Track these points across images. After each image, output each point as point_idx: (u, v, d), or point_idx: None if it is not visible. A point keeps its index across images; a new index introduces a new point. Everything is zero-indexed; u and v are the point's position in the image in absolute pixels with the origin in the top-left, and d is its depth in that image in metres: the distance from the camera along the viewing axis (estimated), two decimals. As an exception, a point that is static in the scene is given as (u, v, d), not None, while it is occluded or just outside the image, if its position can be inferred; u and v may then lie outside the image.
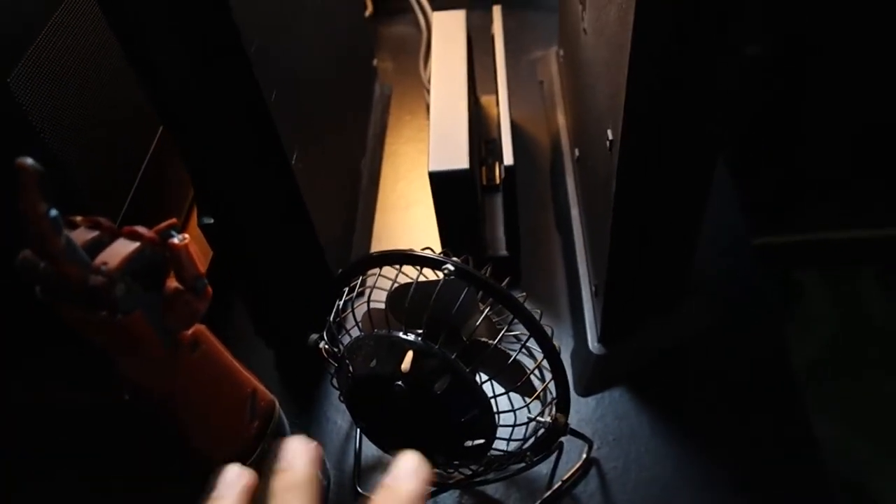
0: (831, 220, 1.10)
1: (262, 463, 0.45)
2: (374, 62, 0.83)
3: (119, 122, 0.54)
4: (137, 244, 0.31)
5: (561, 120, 0.73)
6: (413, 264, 0.40)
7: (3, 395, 0.56)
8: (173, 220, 0.33)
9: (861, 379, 0.97)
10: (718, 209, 0.65)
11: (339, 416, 0.57)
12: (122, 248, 0.30)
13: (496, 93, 0.63)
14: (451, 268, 0.38)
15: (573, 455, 0.52)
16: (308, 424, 0.57)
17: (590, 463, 0.52)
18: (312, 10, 0.57)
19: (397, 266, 0.41)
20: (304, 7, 0.55)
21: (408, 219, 0.72)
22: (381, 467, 0.54)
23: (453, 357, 0.39)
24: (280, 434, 0.47)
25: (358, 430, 0.55)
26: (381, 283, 0.43)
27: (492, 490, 0.51)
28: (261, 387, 0.45)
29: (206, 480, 0.33)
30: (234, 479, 0.33)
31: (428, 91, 0.83)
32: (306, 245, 0.55)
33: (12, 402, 0.56)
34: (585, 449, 0.51)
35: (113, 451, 0.55)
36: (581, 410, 0.55)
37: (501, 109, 0.58)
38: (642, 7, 0.33)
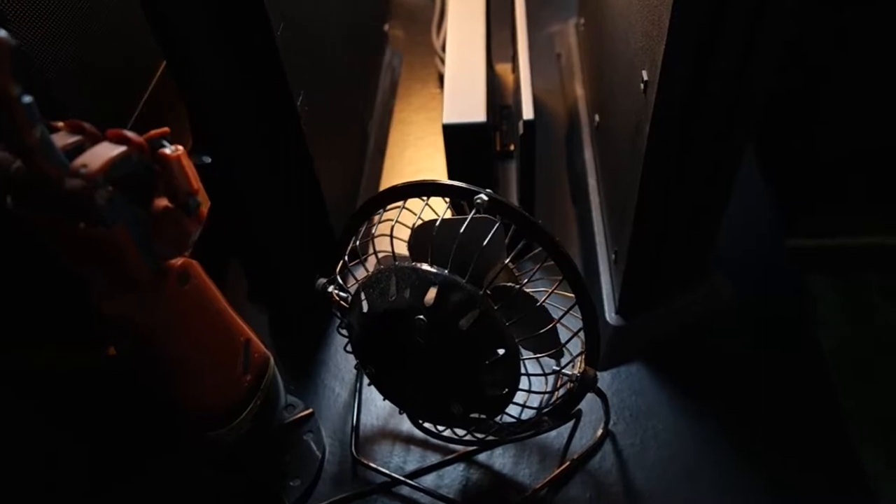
0: (841, 227, 1.10)
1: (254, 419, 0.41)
2: (386, 27, 0.79)
3: (116, 55, 0.50)
4: (123, 148, 0.27)
5: (579, 90, 0.70)
6: (442, 195, 0.36)
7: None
8: (165, 129, 0.29)
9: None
10: (749, 200, 0.62)
11: (337, 384, 0.54)
12: (105, 151, 0.27)
13: (514, 54, 0.60)
14: (485, 197, 0.35)
15: (587, 431, 0.49)
16: (305, 392, 0.53)
17: (605, 437, 0.48)
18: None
19: (423, 198, 0.37)
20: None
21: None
22: (380, 437, 0.50)
23: (482, 292, 0.36)
24: (274, 393, 0.44)
25: (357, 400, 0.52)
26: (403, 220, 0.39)
27: (500, 464, 0.48)
28: (255, 338, 0.41)
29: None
30: None
31: (440, 59, 0.79)
32: (309, 200, 0.52)
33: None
34: (602, 423, 0.48)
35: (104, 415, 0.51)
36: (596, 384, 0.52)
37: (521, 65, 0.55)
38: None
